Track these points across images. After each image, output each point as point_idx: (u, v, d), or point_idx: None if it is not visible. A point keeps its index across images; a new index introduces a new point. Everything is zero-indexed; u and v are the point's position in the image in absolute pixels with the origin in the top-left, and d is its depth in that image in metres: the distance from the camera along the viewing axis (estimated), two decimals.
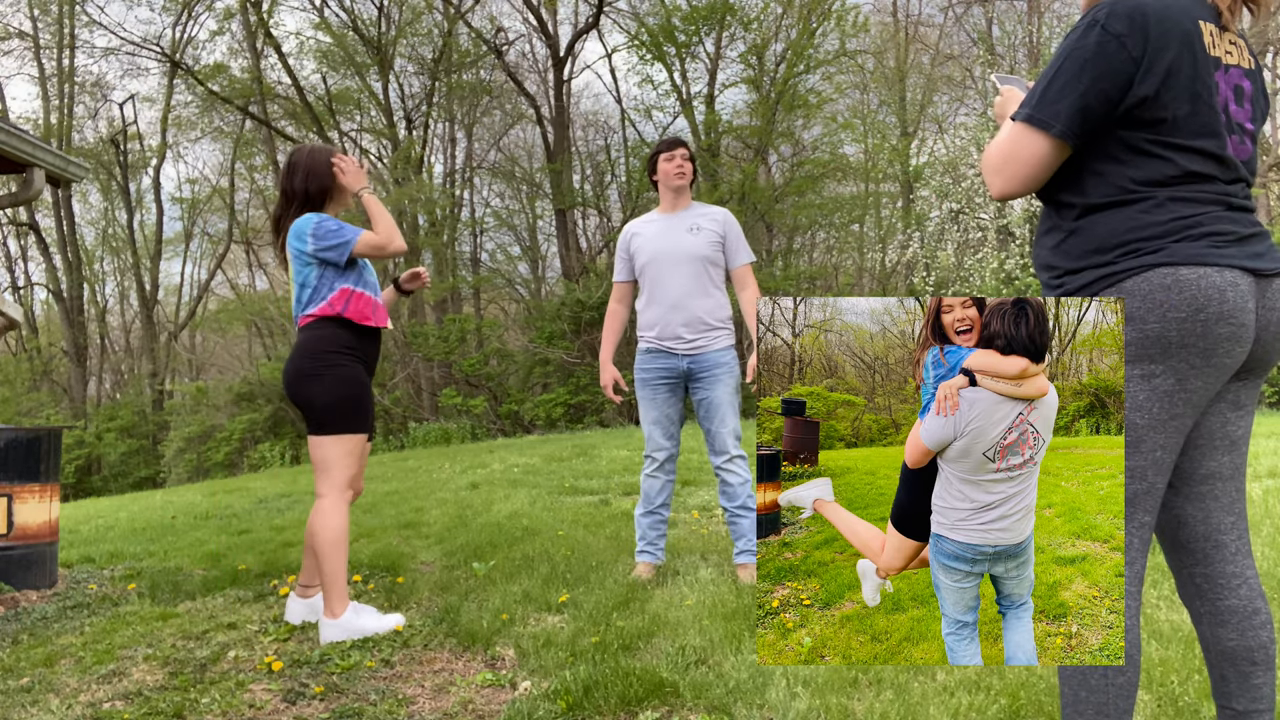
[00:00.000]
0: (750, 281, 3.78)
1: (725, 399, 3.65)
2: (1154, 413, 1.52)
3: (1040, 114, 1.54)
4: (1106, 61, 1.50)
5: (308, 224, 3.11)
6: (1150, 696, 2.19)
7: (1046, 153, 1.55)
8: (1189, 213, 1.51)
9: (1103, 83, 1.50)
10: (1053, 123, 1.53)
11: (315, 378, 3.06)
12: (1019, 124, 1.56)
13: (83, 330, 24.89)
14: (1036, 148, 1.55)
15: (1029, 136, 1.56)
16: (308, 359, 3.09)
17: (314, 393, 3.06)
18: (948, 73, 20.85)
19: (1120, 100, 1.51)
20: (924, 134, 20.88)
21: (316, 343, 3.10)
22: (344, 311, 3.12)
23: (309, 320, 3.14)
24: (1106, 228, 1.54)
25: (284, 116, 21.97)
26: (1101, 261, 1.54)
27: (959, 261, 15.79)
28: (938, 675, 2.38)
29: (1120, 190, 1.53)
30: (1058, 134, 1.53)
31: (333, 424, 3.07)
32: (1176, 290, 1.47)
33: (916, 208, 18.06)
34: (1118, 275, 1.51)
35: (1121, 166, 1.54)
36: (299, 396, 3.11)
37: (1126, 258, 1.51)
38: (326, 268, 3.13)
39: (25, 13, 23.16)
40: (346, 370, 3.10)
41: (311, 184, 3.20)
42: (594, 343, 17.13)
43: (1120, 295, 1.51)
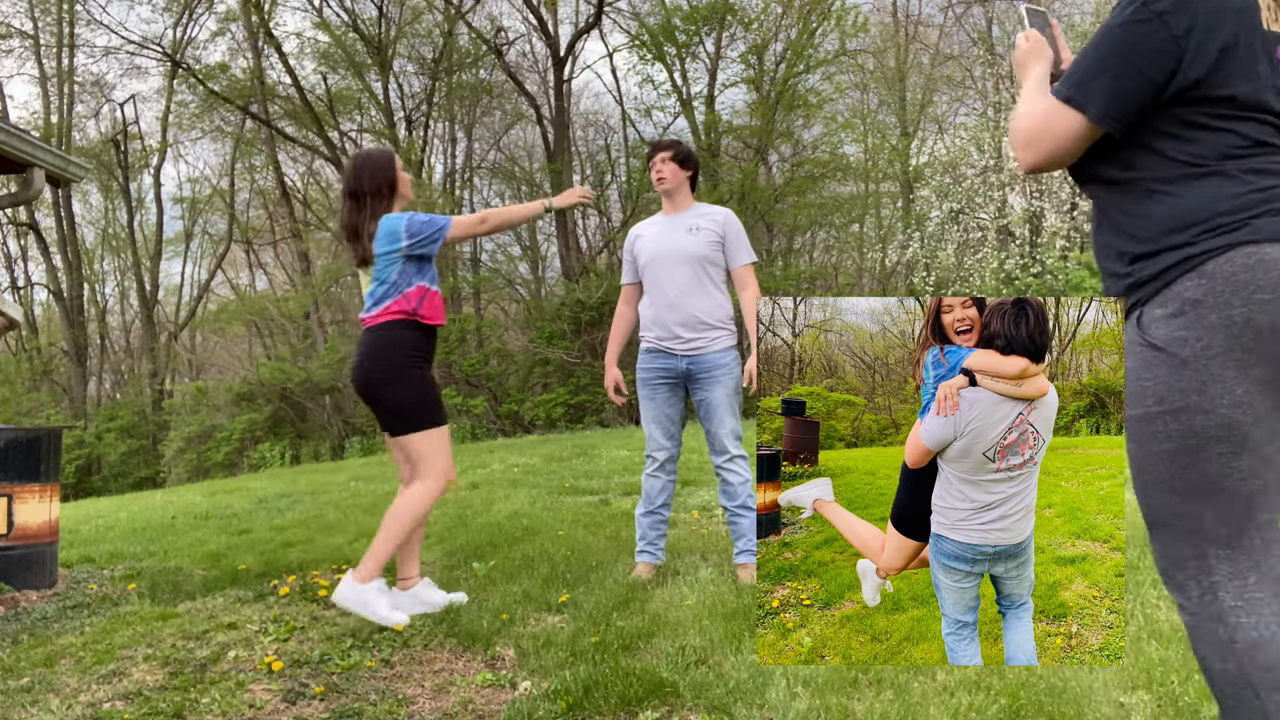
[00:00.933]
0: (750, 282, 3.75)
1: (724, 400, 3.64)
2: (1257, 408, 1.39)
3: (1077, 95, 1.47)
4: (1144, 42, 1.42)
5: (399, 222, 3.25)
6: (1150, 696, 2.19)
7: (1080, 132, 1.49)
8: (1267, 184, 1.41)
9: (1140, 64, 1.42)
10: (1088, 105, 1.46)
11: (390, 383, 3.22)
12: (1056, 100, 1.50)
13: (83, 330, 24.88)
14: (1070, 126, 1.49)
15: (1064, 115, 1.49)
16: (381, 365, 3.23)
17: (392, 396, 3.23)
18: (948, 73, 20.85)
19: (1165, 83, 1.43)
20: (924, 134, 20.89)
21: (387, 347, 3.24)
22: (418, 309, 3.27)
23: (380, 319, 3.27)
24: (1179, 205, 1.44)
25: (284, 116, 21.96)
26: (1179, 242, 1.43)
27: (959, 261, 15.79)
28: (938, 675, 2.38)
29: (1187, 165, 1.44)
30: (1094, 117, 1.47)
31: (417, 422, 3.23)
32: (1262, 270, 1.37)
33: (916, 208, 18.06)
34: (1197, 258, 1.41)
35: (1182, 143, 1.45)
36: (375, 400, 3.26)
37: (1206, 236, 1.40)
38: (409, 263, 3.26)
39: (25, 12, 23.17)
40: (417, 372, 3.26)
41: (378, 180, 3.33)
42: (594, 343, 17.12)
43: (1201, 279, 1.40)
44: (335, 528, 5.62)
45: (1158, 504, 1.50)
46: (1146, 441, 1.49)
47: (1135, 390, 1.50)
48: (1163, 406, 1.45)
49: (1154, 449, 1.48)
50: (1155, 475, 1.49)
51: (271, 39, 20.77)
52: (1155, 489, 1.50)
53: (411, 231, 3.24)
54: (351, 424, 18.26)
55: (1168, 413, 1.44)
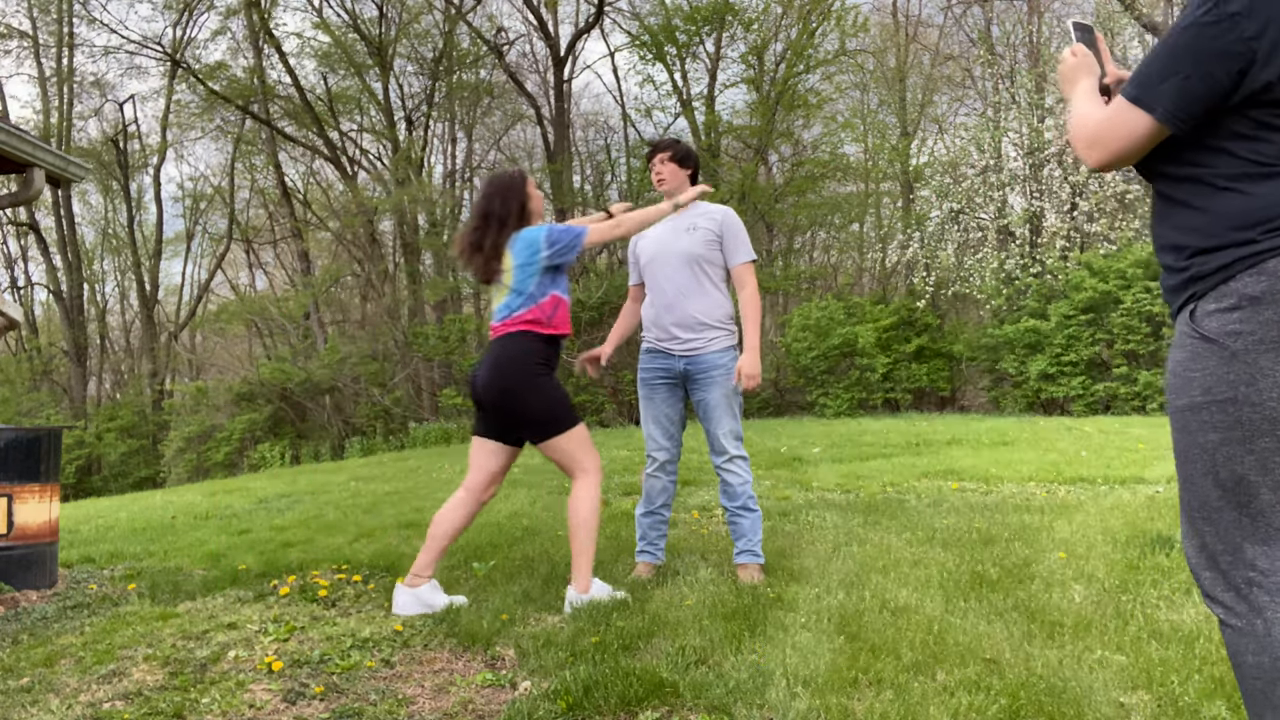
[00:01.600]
0: (747, 281, 3.71)
1: (722, 401, 3.62)
2: None
3: (1144, 95, 1.47)
4: (1215, 43, 1.41)
5: (539, 234, 3.35)
6: (1150, 696, 2.19)
7: (1147, 132, 1.49)
8: None
9: (1210, 66, 1.41)
10: (1156, 105, 1.46)
11: (523, 394, 3.31)
12: (1124, 100, 1.50)
13: (83, 330, 24.89)
14: (1137, 126, 1.49)
15: (1131, 114, 1.49)
16: (512, 377, 3.31)
17: (528, 407, 3.32)
18: (948, 73, 20.85)
19: (1235, 85, 1.42)
20: (924, 134, 20.89)
21: (518, 358, 3.33)
22: (551, 318, 3.36)
23: (512, 329, 3.35)
24: (1246, 203, 1.44)
25: (284, 116, 21.96)
26: (1242, 239, 1.43)
27: (959, 261, 15.79)
28: (938, 675, 2.38)
29: (1256, 165, 1.44)
30: (1161, 117, 1.46)
31: (557, 426, 3.33)
32: None
33: (916, 208, 18.06)
34: (1261, 255, 1.41)
35: (1252, 142, 1.44)
36: (511, 410, 3.35)
37: (1271, 235, 1.41)
38: (548, 274, 3.36)
39: (25, 12, 23.17)
40: (546, 380, 3.35)
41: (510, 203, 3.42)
42: (594, 342, 17.08)
43: (1261, 276, 1.41)
44: (335, 528, 5.62)
45: (1199, 495, 1.51)
46: (1192, 432, 1.49)
47: (1182, 381, 1.50)
48: (1209, 397, 1.46)
49: (1199, 439, 1.49)
50: (1199, 466, 1.50)
51: (271, 38, 20.77)
52: (1198, 480, 1.50)
53: (551, 241, 3.32)
54: (351, 424, 18.27)
55: (1214, 403, 1.45)
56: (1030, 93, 15.44)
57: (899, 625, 2.77)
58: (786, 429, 11.91)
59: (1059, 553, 3.63)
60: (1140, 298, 12.83)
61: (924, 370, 16.07)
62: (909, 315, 16.52)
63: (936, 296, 16.71)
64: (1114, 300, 13.13)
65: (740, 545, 3.62)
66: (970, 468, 6.61)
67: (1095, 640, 2.57)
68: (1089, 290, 13.23)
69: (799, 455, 8.16)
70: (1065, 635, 2.63)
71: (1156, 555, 3.46)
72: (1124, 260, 13.18)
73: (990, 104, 16.73)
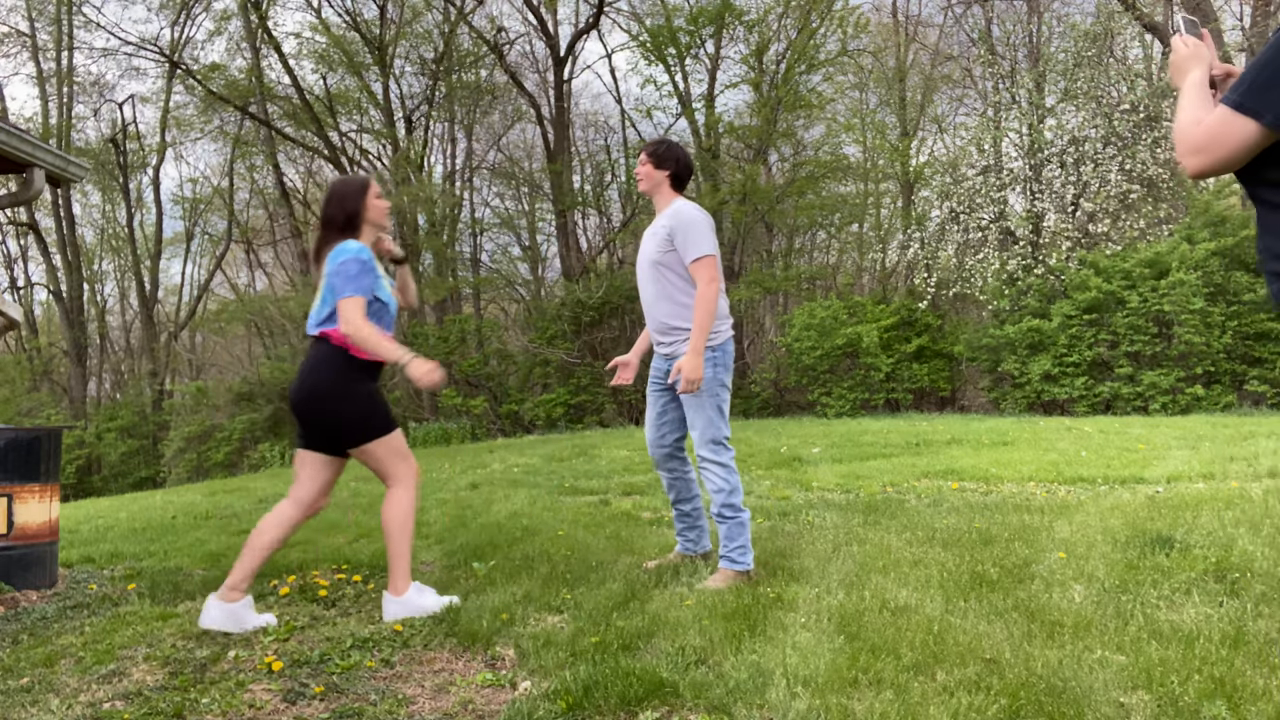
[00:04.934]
0: (700, 277, 3.52)
1: (692, 403, 3.60)
2: None
3: (1250, 102, 1.49)
4: None
5: (340, 254, 3.25)
6: (1150, 696, 2.19)
7: (1253, 138, 1.50)
8: None
9: None
10: (1264, 112, 1.47)
11: (331, 400, 3.24)
12: (1227, 108, 1.51)
13: (83, 330, 24.88)
14: (1244, 133, 1.50)
15: (1237, 121, 1.50)
16: (321, 385, 3.24)
17: (337, 413, 3.24)
18: (948, 73, 20.82)
19: None
20: (924, 134, 20.88)
21: (326, 365, 3.26)
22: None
23: (319, 337, 3.30)
24: None
25: (284, 117, 21.95)
26: None
27: (959, 261, 15.77)
28: (938, 675, 2.37)
29: None
30: (1269, 123, 1.47)
31: (367, 434, 3.27)
32: None
33: (916, 208, 18.05)
34: None
35: None
36: (320, 417, 3.26)
37: None
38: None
39: (23, 13, 23.17)
40: (359, 386, 3.27)
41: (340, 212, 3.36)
42: (594, 343, 17.12)
43: None
44: (335, 528, 5.62)
45: None
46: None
47: None
48: None
49: None
50: None
51: (270, 39, 20.76)
52: None
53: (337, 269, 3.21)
54: None
55: None
56: (1030, 93, 15.43)
57: (899, 625, 2.77)
58: (786, 429, 11.90)
59: (1059, 553, 3.63)
60: (1147, 297, 12.81)
61: (924, 370, 16.07)
62: (909, 315, 16.52)
63: (937, 297, 16.70)
64: (1118, 300, 13.12)
65: (720, 550, 3.60)
66: (970, 468, 6.60)
67: (1095, 640, 2.57)
68: (1093, 290, 13.21)
69: (799, 455, 8.16)
70: (1065, 635, 2.62)
71: (1156, 555, 3.45)
72: (1129, 260, 13.16)
73: (990, 104, 16.71)
